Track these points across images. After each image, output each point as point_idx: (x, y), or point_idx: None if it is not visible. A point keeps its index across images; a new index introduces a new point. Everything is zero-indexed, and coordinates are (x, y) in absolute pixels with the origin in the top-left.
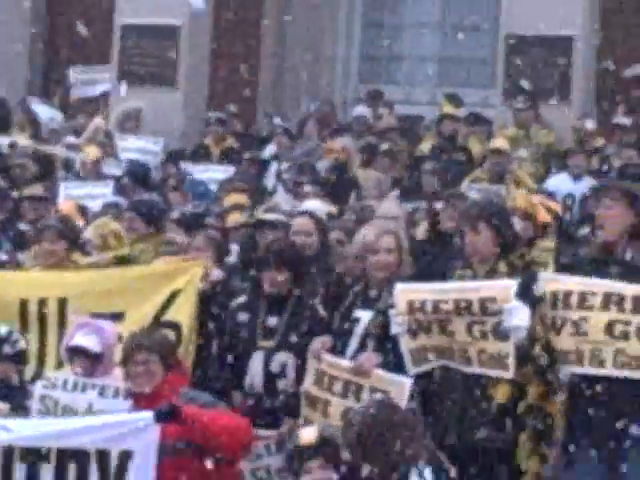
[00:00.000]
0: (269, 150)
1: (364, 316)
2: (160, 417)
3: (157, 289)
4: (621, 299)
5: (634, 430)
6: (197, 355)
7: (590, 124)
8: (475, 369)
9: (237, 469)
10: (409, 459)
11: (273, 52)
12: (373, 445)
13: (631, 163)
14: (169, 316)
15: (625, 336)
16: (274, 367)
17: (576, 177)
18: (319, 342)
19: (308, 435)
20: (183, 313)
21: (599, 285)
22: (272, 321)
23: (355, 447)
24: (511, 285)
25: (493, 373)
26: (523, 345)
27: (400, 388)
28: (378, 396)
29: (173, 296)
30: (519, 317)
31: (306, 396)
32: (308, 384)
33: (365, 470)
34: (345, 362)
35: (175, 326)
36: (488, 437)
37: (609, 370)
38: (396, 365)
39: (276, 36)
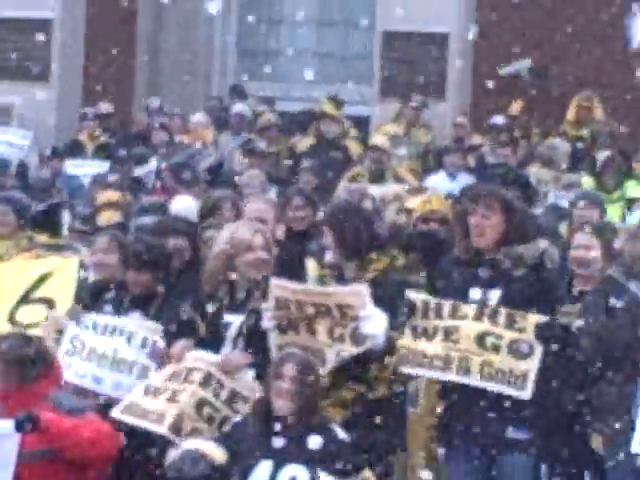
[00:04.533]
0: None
1: (235, 320)
2: (19, 427)
3: (24, 274)
4: (495, 312)
5: (510, 434)
6: None
7: (464, 121)
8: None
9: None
10: None
11: (147, 49)
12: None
13: (503, 163)
14: (40, 293)
15: (496, 349)
16: None
17: (452, 175)
18: (180, 346)
19: None
20: (57, 290)
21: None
22: (134, 316)
23: None
24: (363, 291)
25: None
26: (379, 351)
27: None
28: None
29: (43, 279)
30: (374, 324)
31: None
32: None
33: None
34: (213, 356)
35: (48, 301)
36: None
37: (474, 380)
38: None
39: (153, 21)
